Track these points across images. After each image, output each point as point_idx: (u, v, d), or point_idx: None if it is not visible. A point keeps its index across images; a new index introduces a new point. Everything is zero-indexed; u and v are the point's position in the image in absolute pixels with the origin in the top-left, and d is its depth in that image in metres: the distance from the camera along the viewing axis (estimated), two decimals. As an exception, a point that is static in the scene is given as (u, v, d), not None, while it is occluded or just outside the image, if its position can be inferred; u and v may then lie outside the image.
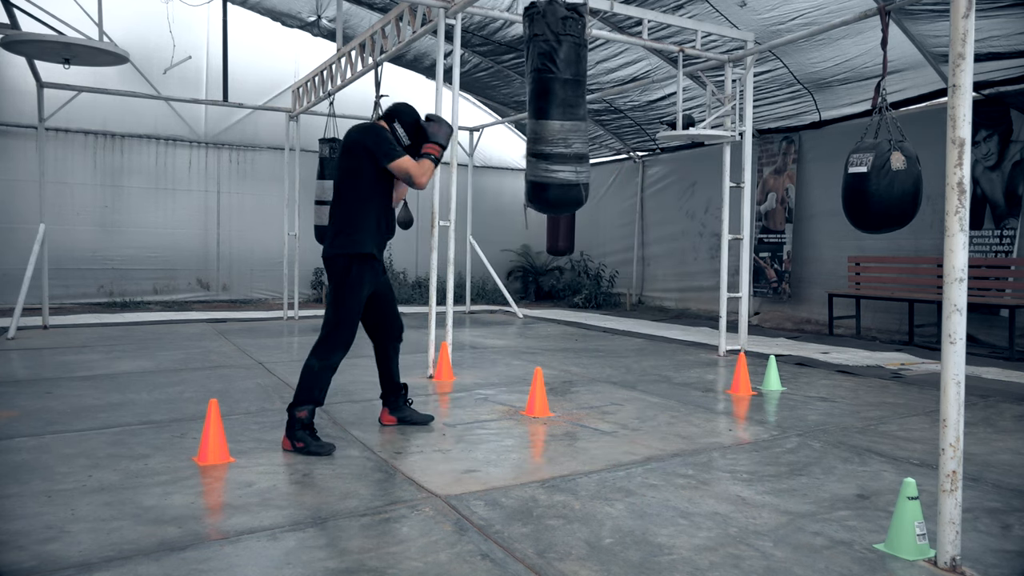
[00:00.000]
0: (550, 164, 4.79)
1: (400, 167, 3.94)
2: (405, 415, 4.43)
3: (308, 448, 3.78)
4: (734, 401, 5.27)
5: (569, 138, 4.77)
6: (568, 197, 4.89)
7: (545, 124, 4.79)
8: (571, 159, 4.80)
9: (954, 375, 2.44)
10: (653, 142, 12.71)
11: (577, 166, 4.84)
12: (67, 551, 2.54)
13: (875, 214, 5.94)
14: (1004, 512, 3.04)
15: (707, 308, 11.71)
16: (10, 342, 7.68)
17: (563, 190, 4.85)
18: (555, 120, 4.76)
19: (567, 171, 4.80)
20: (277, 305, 11.92)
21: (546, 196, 4.90)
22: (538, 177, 4.87)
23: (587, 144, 4.97)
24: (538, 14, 4.84)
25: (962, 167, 2.43)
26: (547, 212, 5.30)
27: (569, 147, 4.78)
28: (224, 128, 12.43)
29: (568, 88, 4.79)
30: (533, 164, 4.88)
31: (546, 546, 2.64)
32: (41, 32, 6.65)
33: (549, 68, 4.76)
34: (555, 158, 4.79)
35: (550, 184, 4.84)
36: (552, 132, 4.76)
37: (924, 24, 7.52)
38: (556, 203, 4.96)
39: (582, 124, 4.88)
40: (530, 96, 4.93)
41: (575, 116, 4.80)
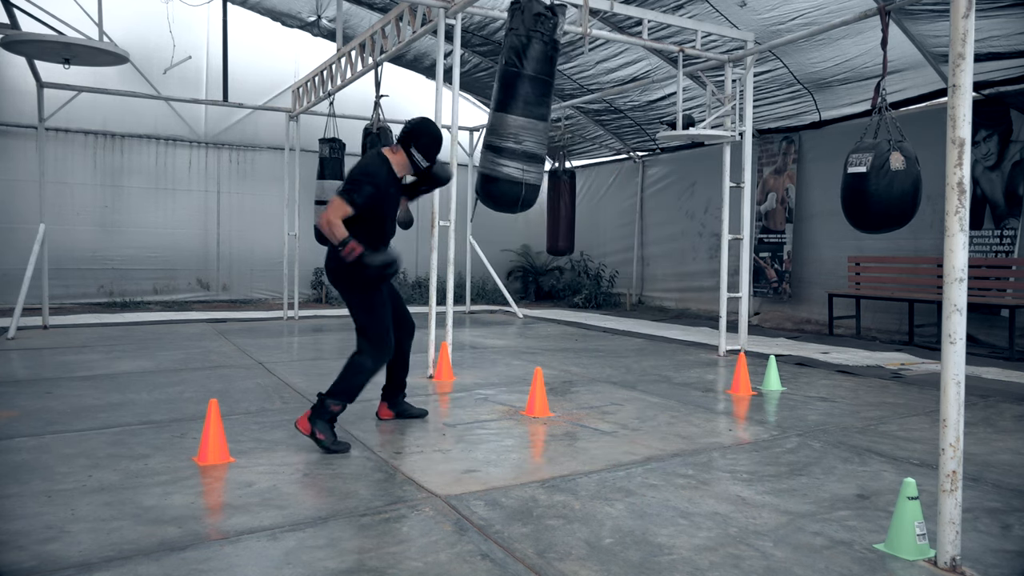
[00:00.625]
0: (497, 157, 4.76)
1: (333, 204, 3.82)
2: (402, 409, 4.58)
3: (327, 444, 3.79)
4: (734, 401, 5.27)
5: (521, 135, 4.73)
6: (510, 194, 4.83)
7: (501, 117, 4.77)
8: (519, 156, 4.76)
9: (954, 375, 2.44)
10: (653, 142, 12.71)
11: (525, 164, 4.78)
12: (67, 551, 2.54)
13: (874, 214, 5.94)
14: (1004, 512, 3.04)
15: (707, 308, 11.71)
16: (10, 342, 7.68)
17: (506, 186, 4.80)
18: (511, 115, 4.73)
19: (512, 167, 4.76)
20: (277, 305, 11.92)
21: (488, 189, 4.87)
22: (484, 168, 4.85)
23: (542, 146, 4.84)
24: (518, 10, 4.84)
25: (962, 167, 2.43)
26: (491, 206, 5.06)
27: (519, 143, 4.74)
28: (224, 128, 12.43)
29: (530, 85, 4.75)
30: (484, 155, 4.87)
31: (546, 546, 2.64)
32: (41, 32, 6.65)
33: (515, 63, 4.75)
34: (504, 152, 4.75)
35: (493, 178, 4.80)
36: (506, 126, 4.73)
37: (924, 24, 7.52)
38: (498, 198, 4.90)
39: (540, 124, 4.81)
40: (495, 88, 4.92)
41: (533, 114, 4.76)
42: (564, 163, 11.01)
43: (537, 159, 4.86)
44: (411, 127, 4.05)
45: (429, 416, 4.67)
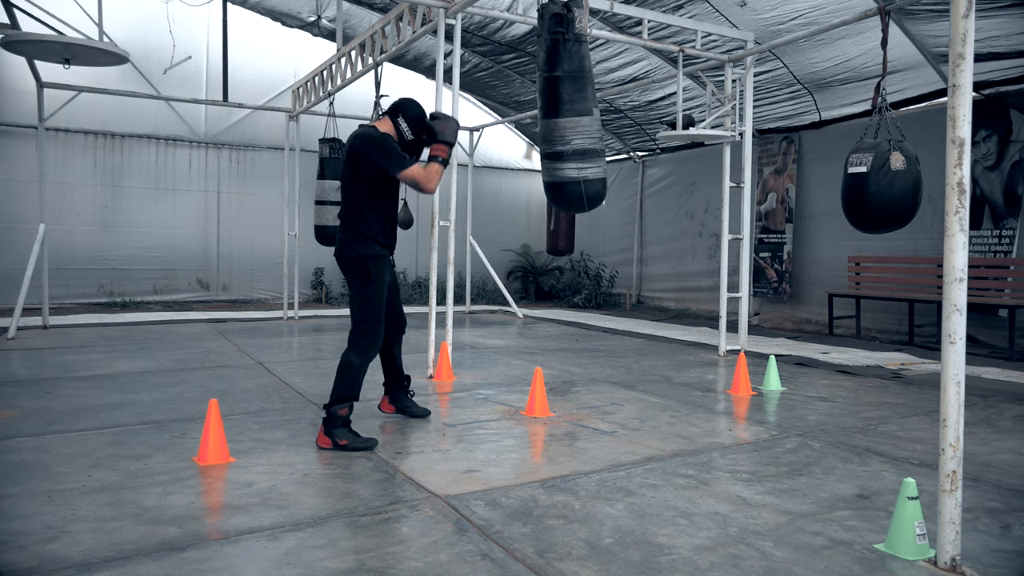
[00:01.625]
0: (553, 163, 4.80)
1: (409, 176, 4.00)
2: (404, 405, 4.62)
3: (352, 445, 3.84)
4: (734, 401, 5.27)
5: (567, 135, 4.76)
6: (572, 194, 4.87)
7: (547, 123, 4.79)
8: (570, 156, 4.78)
9: (954, 375, 2.44)
10: (653, 142, 12.72)
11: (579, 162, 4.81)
12: (67, 551, 2.54)
13: (874, 214, 5.94)
14: (1004, 512, 3.04)
15: (707, 308, 11.71)
16: (10, 342, 7.68)
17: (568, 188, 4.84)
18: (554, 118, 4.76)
19: (568, 168, 4.80)
20: (277, 305, 11.92)
21: (554, 194, 4.91)
22: (546, 176, 4.89)
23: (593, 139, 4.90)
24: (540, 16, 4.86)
25: (962, 167, 2.43)
26: (564, 211, 5.25)
27: (568, 144, 4.76)
28: (224, 128, 12.43)
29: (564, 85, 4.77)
30: (543, 164, 4.90)
31: (546, 546, 2.64)
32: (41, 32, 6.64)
33: (545, 67, 4.77)
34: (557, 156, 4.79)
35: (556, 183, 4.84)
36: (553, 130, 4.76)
37: (924, 24, 7.52)
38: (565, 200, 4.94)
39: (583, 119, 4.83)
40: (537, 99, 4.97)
41: (574, 112, 4.78)
42: (564, 163, 10.97)
43: (591, 154, 4.86)
44: (401, 101, 4.25)
45: (429, 416, 4.67)
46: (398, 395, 4.61)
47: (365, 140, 4.06)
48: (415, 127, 4.19)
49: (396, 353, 4.53)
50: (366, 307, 4.05)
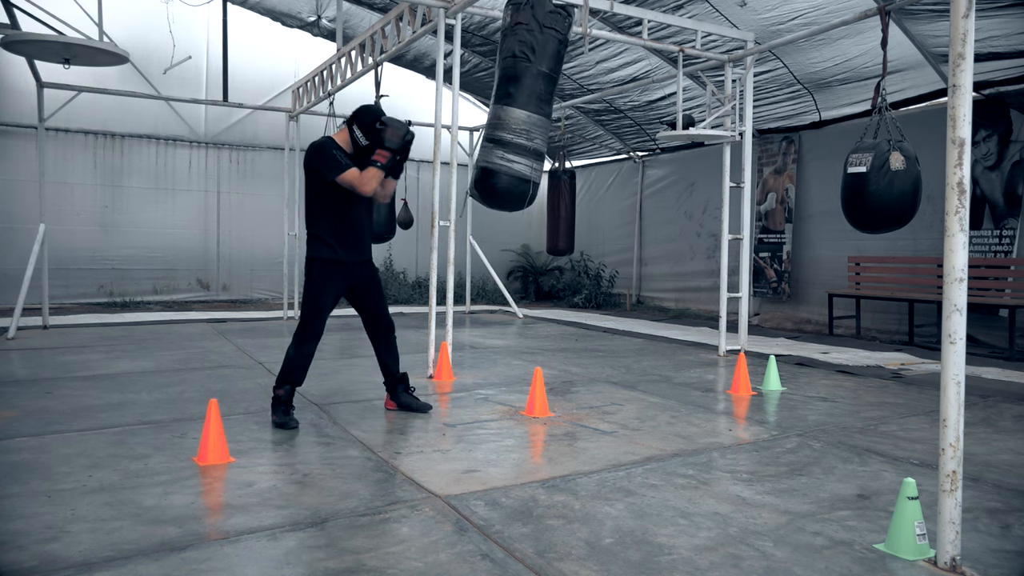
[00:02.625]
0: (506, 152, 4.63)
1: (345, 180, 4.24)
2: (403, 401, 4.76)
3: (276, 421, 4.33)
4: (734, 401, 5.27)
5: (532, 131, 4.63)
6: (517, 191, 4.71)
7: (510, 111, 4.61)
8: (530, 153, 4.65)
9: (954, 375, 2.44)
10: (653, 142, 12.71)
11: (534, 162, 4.69)
12: (67, 551, 2.54)
13: (874, 214, 5.94)
14: (1004, 512, 3.04)
15: (707, 308, 11.71)
16: (10, 342, 7.68)
17: (515, 182, 4.67)
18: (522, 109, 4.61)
19: (523, 164, 4.65)
20: (277, 305, 11.92)
21: (494, 184, 4.68)
22: (491, 164, 4.68)
23: (546, 144, 4.79)
24: (525, 5, 4.75)
25: (962, 167, 2.43)
26: (489, 203, 4.98)
27: (530, 140, 4.63)
28: (224, 128, 12.43)
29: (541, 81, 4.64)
30: (488, 150, 4.69)
31: (546, 546, 2.64)
32: (41, 32, 6.64)
33: (527, 56, 4.61)
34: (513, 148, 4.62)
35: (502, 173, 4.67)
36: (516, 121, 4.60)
37: (924, 24, 7.52)
38: (503, 194, 4.75)
39: (547, 121, 4.71)
40: (498, 81, 4.73)
41: (542, 112, 4.66)
42: (564, 163, 11.00)
43: (543, 159, 4.79)
44: (357, 109, 4.45)
45: (429, 416, 4.67)
46: (396, 393, 4.76)
47: (310, 150, 4.34)
48: (367, 133, 4.36)
49: (382, 356, 4.71)
50: (306, 304, 4.42)
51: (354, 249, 4.45)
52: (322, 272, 4.37)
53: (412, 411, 4.74)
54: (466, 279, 12.39)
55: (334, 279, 4.40)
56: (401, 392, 4.75)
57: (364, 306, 4.60)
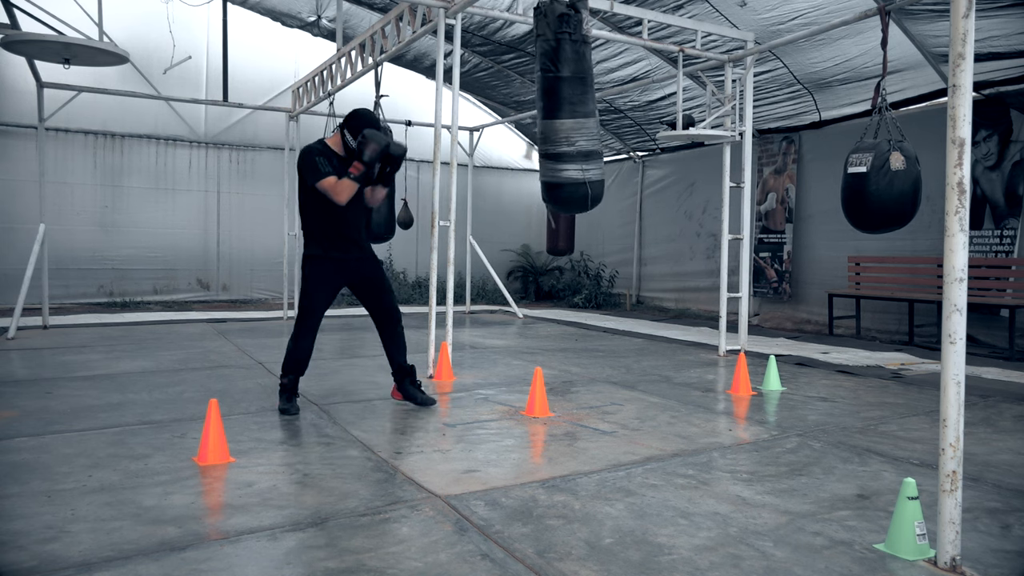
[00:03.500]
0: (556, 163, 4.79)
1: (321, 187, 4.42)
2: (407, 392, 4.90)
3: (279, 407, 4.65)
4: (734, 401, 5.27)
5: (572, 136, 4.75)
6: (576, 195, 4.86)
7: (549, 124, 4.78)
8: (576, 157, 4.77)
9: (954, 375, 2.44)
10: (653, 142, 12.71)
11: (583, 164, 4.80)
12: (67, 551, 2.54)
13: (874, 214, 5.94)
14: (1004, 512, 3.04)
15: (707, 308, 11.71)
16: (10, 342, 7.68)
17: (571, 189, 4.83)
18: (558, 119, 4.75)
19: (573, 169, 4.79)
20: (277, 305, 11.92)
21: (557, 195, 4.91)
22: (547, 177, 4.87)
23: (595, 141, 4.91)
24: (541, 14, 4.84)
25: (962, 167, 2.43)
26: (563, 211, 5.32)
27: (573, 145, 4.76)
28: (224, 128, 12.43)
29: (569, 86, 4.76)
30: (543, 164, 4.89)
31: (546, 546, 2.64)
32: (41, 32, 6.64)
33: (549, 67, 4.75)
34: (561, 157, 4.78)
35: (559, 184, 4.83)
36: (556, 131, 4.75)
37: (924, 24, 7.52)
38: (566, 201, 4.94)
39: (588, 121, 4.82)
40: (536, 96, 4.95)
41: (578, 114, 4.77)
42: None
43: (594, 155, 4.87)
44: (350, 112, 4.63)
45: (429, 416, 4.67)
46: (401, 384, 4.90)
47: (299, 153, 4.55)
48: (353, 132, 4.52)
49: (387, 347, 4.84)
50: (300, 300, 4.70)
51: (347, 247, 4.63)
52: (314, 270, 4.59)
53: (415, 404, 4.86)
54: (466, 279, 12.39)
55: (327, 276, 4.60)
56: (407, 383, 4.88)
57: (367, 300, 4.77)
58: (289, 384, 4.66)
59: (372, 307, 4.78)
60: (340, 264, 4.61)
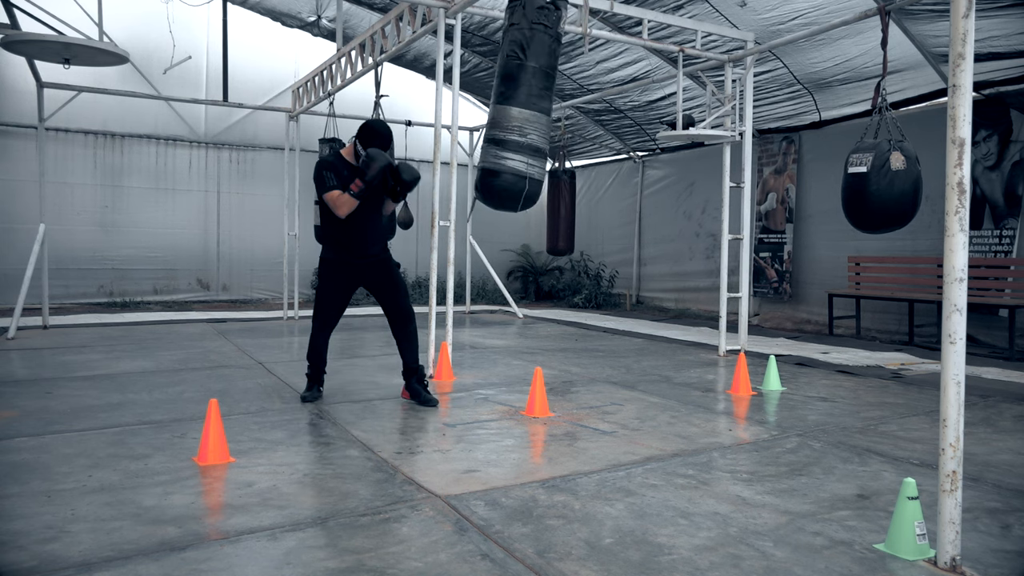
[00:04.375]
0: (501, 151, 4.62)
1: (326, 199, 4.68)
2: (412, 390, 5.02)
3: (301, 395, 5.02)
4: (734, 401, 5.27)
5: (526, 127, 4.59)
6: (513, 188, 4.66)
7: (503, 109, 4.61)
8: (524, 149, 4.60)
9: (954, 375, 2.44)
10: (653, 142, 12.71)
11: (530, 158, 4.62)
12: (67, 551, 2.54)
13: (874, 214, 5.94)
14: (1004, 512, 3.04)
15: (706, 308, 11.71)
16: (10, 342, 7.68)
17: (511, 179, 4.64)
18: (515, 107, 4.59)
19: (517, 160, 4.62)
20: (277, 305, 11.92)
21: (490, 183, 4.69)
22: (487, 163, 4.68)
23: (545, 140, 4.71)
24: (518, 5, 4.75)
25: (962, 167, 2.43)
26: (492, 204, 5.03)
27: (524, 136, 4.60)
28: (224, 128, 12.43)
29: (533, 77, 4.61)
30: (485, 149, 4.71)
31: (546, 546, 2.64)
32: (41, 32, 6.64)
33: (517, 55, 4.60)
34: (508, 145, 4.60)
35: (495, 171, 4.65)
36: (509, 118, 4.58)
37: (924, 24, 7.52)
38: (500, 193, 4.72)
39: (543, 117, 4.67)
40: (495, 83, 4.79)
41: (537, 107, 4.61)
42: (564, 163, 11.00)
43: (541, 153, 4.74)
44: (362, 124, 4.82)
45: (429, 416, 4.67)
46: (408, 383, 5.04)
47: (316, 164, 4.76)
48: (364, 142, 4.72)
49: (399, 346, 5.00)
50: (317, 296, 5.01)
51: (359, 249, 4.84)
52: (326, 271, 4.93)
53: (417, 403, 4.94)
54: (466, 279, 12.39)
55: (338, 277, 4.89)
56: (413, 381, 5.00)
57: (382, 300, 4.99)
58: (309, 374, 5.04)
59: (386, 307, 4.98)
60: (352, 267, 4.87)
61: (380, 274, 4.94)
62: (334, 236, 4.85)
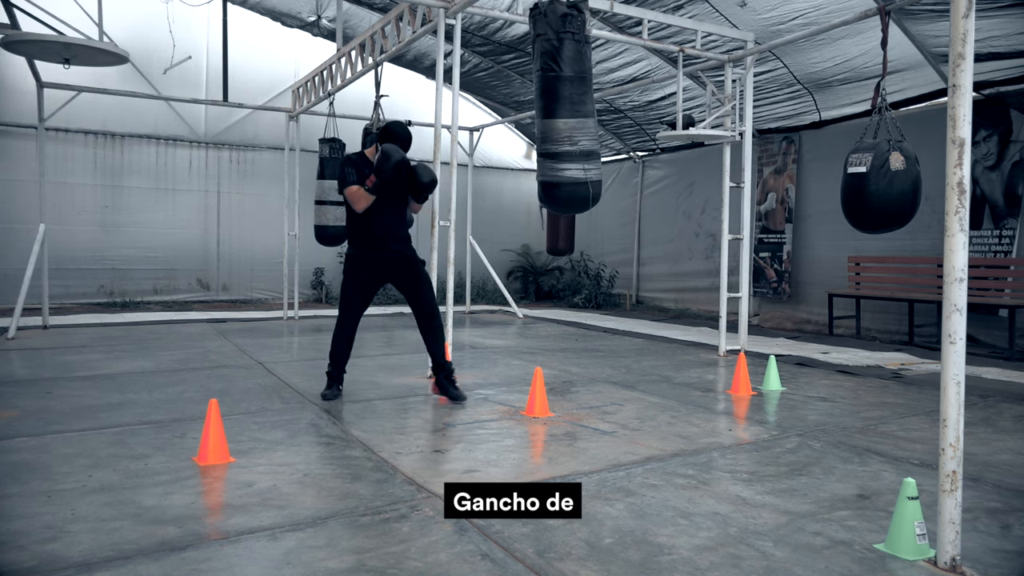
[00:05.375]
0: (556, 163, 4.77)
1: (346, 194, 4.88)
2: (441, 387, 5.15)
3: (321, 393, 5.07)
4: (734, 401, 5.27)
5: (575, 135, 4.74)
6: (576, 195, 4.85)
7: (550, 123, 4.76)
8: (578, 157, 4.76)
9: (954, 375, 2.44)
10: (653, 142, 12.71)
11: (585, 163, 4.78)
12: (67, 551, 2.54)
13: (874, 214, 5.94)
14: (1004, 512, 3.04)
15: (706, 308, 11.71)
16: (10, 342, 7.68)
17: (571, 188, 4.82)
18: (560, 118, 4.74)
19: (574, 169, 4.78)
20: (277, 305, 11.91)
21: (556, 195, 4.89)
22: (547, 176, 4.85)
23: (595, 141, 4.91)
24: (540, 14, 4.82)
25: (962, 167, 2.43)
26: (560, 212, 5.35)
27: (575, 144, 4.74)
28: (224, 128, 12.43)
29: (571, 85, 4.74)
30: (542, 164, 4.87)
31: (546, 546, 2.64)
32: (41, 32, 6.64)
33: (551, 67, 4.73)
34: (562, 156, 4.76)
35: (558, 183, 4.82)
36: (557, 131, 4.74)
37: (924, 24, 7.52)
38: (566, 202, 4.94)
39: (588, 121, 4.81)
40: (536, 96, 4.94)
41: (580, 113, 4.75)
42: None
43: (595, 155, 4.86)
44: (383, 125, 5.04)
45: (429, 416, 4.68)
46: (437, 378, 5.17)
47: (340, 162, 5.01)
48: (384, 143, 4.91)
49: (425, 342, 5.14)
50: (341, 295, 5.11)
51: (380, 246, 5.00)
52: (350, 267, 5.08)
53: (448, 398, 5.10)
54: (466, 279, 12.39)
55: (361, 273, 5.04)
56: (441, 377, 5.13)
57: (407, 296, 5.16)
58: (330, 371, 5.12)
59: (411, 303, 5.15)
60: (376, 263, 5.02)
61: (405, 270, 5.10)
62: (357, 232, 5.03)
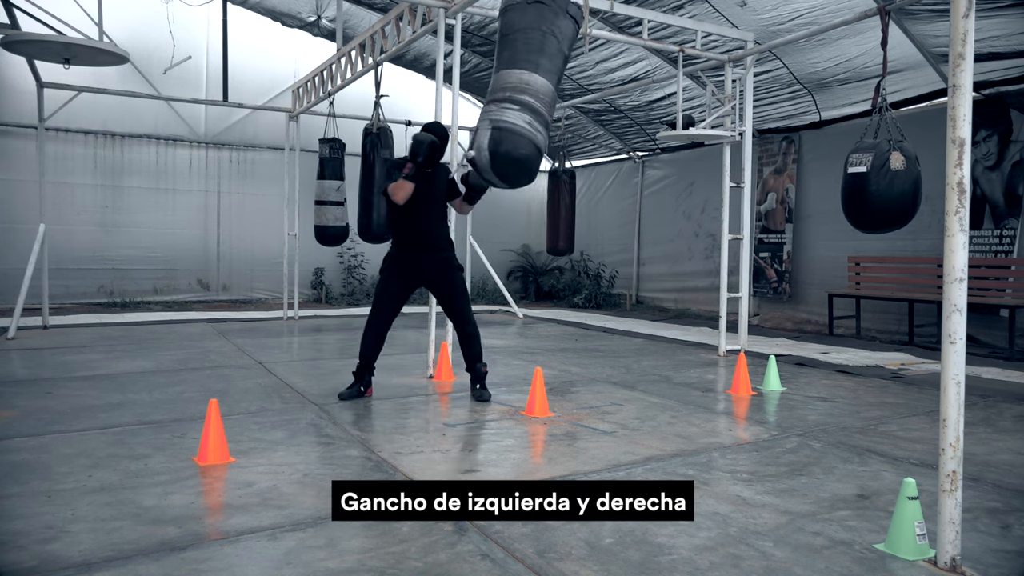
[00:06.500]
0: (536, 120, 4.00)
1: (388, 190, 4.86)
2: (472, 386, 5.25)
3: (340, 392, 5.07)
4: (734, 401, 5.27)
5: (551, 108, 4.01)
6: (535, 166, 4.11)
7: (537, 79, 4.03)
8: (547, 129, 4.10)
9: (954, 375, 2.44)
10: (653, 142, 12.71)
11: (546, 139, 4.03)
12: (67, 551, 2.54)
13: (874, 214, 5.94)
14: (1004, 512, 3.04)
15: (706, 308, 11.71)
16: (10, 342, 7.68)
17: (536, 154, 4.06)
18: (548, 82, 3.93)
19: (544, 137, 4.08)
20: (277, 305, 11.91)
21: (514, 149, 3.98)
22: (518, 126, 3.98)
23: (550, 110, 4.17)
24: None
25: (962, 167, 2.43)
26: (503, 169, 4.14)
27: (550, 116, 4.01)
28: (224, 128, 12.43)
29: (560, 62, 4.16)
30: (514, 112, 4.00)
31: (546, 546, 2.64)
32: (41, 32, 6.64)
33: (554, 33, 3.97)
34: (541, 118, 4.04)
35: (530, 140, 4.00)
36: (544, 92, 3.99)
37: (924, 24, 7.52)
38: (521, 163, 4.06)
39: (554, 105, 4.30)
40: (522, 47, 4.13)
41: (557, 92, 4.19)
42: (564, 163, 11.01)
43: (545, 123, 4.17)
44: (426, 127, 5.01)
45: (429, 416, 4.68)
46: (472, 382, 5.25)
47: None
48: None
49: (463, 344, 5.22)
50: (376, 294, 5.17)
51: (416, 248, 5.07)
52: (387, 266, 5.14)
53: (472, 397, 5.17)
54: (466, 279, 12.37)
55: (395, 273, 5.09)
56: (472, 379, 5.22)
57: (440, 300, 5.27)
58: (356, 368, 5.13)
59: (444, 308, 5.27)
60: (412, 264, 5.08)
61: (440, 274, 5.16)
62: (398, 232, 5.10)
